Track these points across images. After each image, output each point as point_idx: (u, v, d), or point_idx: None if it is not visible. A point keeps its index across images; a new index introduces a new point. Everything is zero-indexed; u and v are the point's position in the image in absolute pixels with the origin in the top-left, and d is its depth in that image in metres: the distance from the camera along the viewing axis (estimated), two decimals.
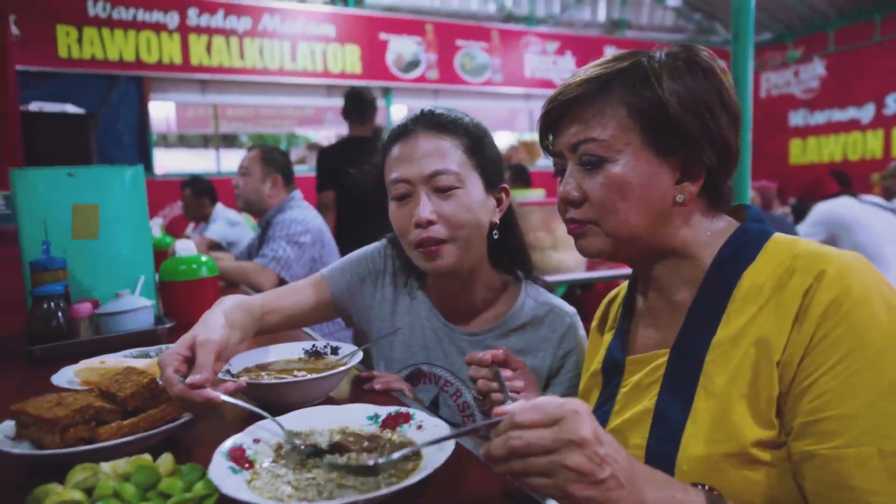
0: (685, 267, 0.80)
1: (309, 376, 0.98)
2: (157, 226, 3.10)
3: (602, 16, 9.08)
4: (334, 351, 1.14)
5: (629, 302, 0.92)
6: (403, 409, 0.86)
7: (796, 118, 8.94)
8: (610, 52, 8.35)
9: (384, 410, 0.87)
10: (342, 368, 1.00)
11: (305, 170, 7.55)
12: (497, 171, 1.16)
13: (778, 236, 0.77)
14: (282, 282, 2.52)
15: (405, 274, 1.25)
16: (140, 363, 1.13)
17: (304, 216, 2.69)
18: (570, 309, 1.20)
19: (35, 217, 1.53)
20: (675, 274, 0.81)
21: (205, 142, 9.27)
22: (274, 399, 0.98)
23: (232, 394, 0.85)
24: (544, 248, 3.42)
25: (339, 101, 3.66)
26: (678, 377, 0.76)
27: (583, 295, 4.32)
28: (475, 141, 1.12)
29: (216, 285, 1.83)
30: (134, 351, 1.25)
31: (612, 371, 0.87)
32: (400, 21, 7.06)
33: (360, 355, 1.08)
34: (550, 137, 0.84)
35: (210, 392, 0.82)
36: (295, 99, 6.75)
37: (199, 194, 4.44)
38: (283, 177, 2.79)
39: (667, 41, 8.39)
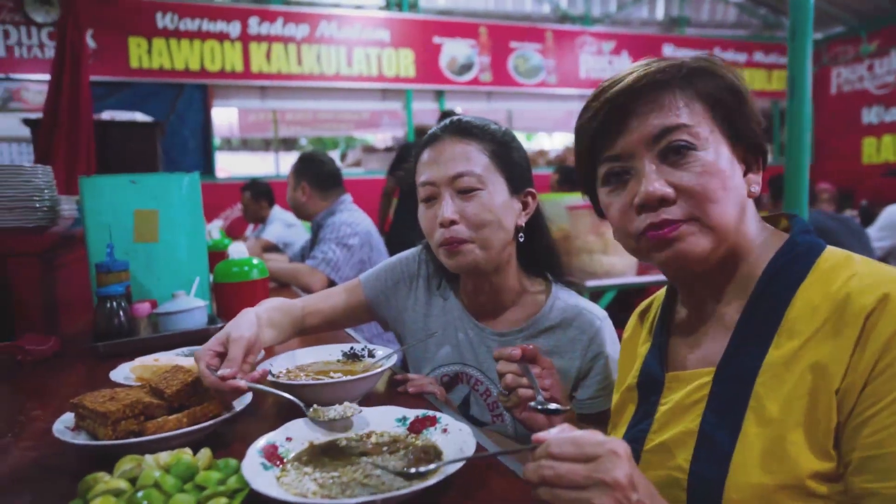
0: (734, 274, 0.78)
1: (343, 378, 1.02)
2: (216, 228, 3.24)
3: (660, 13, 8.85)
4: (371, 354, 1.18)
5: (666, 313, 0.89)
6: (431, 413, 0.88)
7: (870, 115, 8.45)
8: (668, 50, 8.15)
9: (412, 413, 0.89)
10: (375, 372, 1.03)
11: (361, 172, 7.74)
12: (523, 175, 1.19)
13: (830, 251, 0.74)
14: (331, 283, 2.60)
15: (438, 277, 1.30)
16: (189, 361, 1.20)
17: (353, 219, 2.76)
18: (601, 312, 1.20)
19: (101, 222, 1.64)
20: (721, 282, 0.78)
21: (265, 145, 9.59)
22: (310, 399, 1.02)
23: (259, 381, 0.94)
24: (594, 252, 3.38)
25: (393, 105, 3.76)
26: (725, 399, 0.72)
27: (635, 301, 4.23)
28: (501, 146, 1.15)
29: (266, 287, 1.90)
30: (185, 349, 1.33)
31: (650, 387, 0.84)
32: (453, 24, 7.10)
33: (394, 358, 1.12)
34: (606, 139, 0.77)
35: (237, 381, 0.90)
36: (351, 103, 6.89)
37: (256, 197, 4.61)
38: (312, 183, 2.85)
39: (729, 38, 8.03)
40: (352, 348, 1.20)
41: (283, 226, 4.50)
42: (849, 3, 8.28)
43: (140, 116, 3.65)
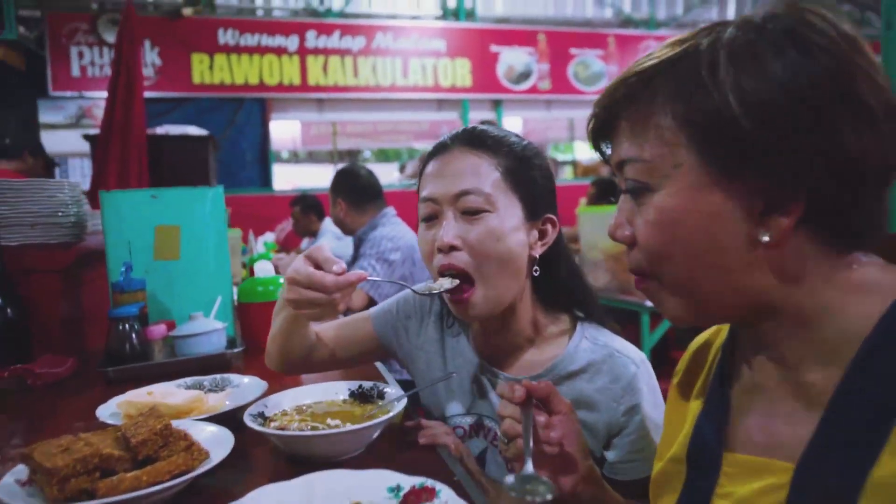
0: (811, 336, 0.56)
1: (341, 428, 0.87)
2: (261, 242, 3.20)
3: (731, 14, 8.39)
4: (381, 394, 1.03)
5: (728, 359, 0.67)
6: (430, 483, 0.72)
7: None
8: None
9: (408, 482, 0.73)
10: (376, 421, 0.88)
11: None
12: (544, 198, 1.00)
13: None
14: (371, 301, 2.48)
15: (450, 313, 1.10)
16: (189, 395, 1.08)
17: (396, 233, 2.65)
18: (638, 355, 0.99)
19: (120, 238, 1.57)
20: (795, 342, 0.57)
21: (330, 157, 9.71)
22: (303, 451, 0.88)
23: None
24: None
25: (450, 115, 3.65)
26: None
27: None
28: (518, 161, 0.98)
29: None
30: (189, 380, 1.22)
31: (702, 463, 0.64)
32: (511, 32, 6.95)
33: (403, 402, 0.96)
34: (607, 149, 0.65)
35: (356, 273, 0.90)
36: (406, 114, 6.85)
37: (305, 211, 4.59)
38: (348, 199, 2.77)
39: None
40: (360, 386, 1.05)
41: (334, 238, 4.46)
42: None
43: (193, 130, 3.69)
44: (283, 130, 7.37)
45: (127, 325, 1.42)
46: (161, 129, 3.61)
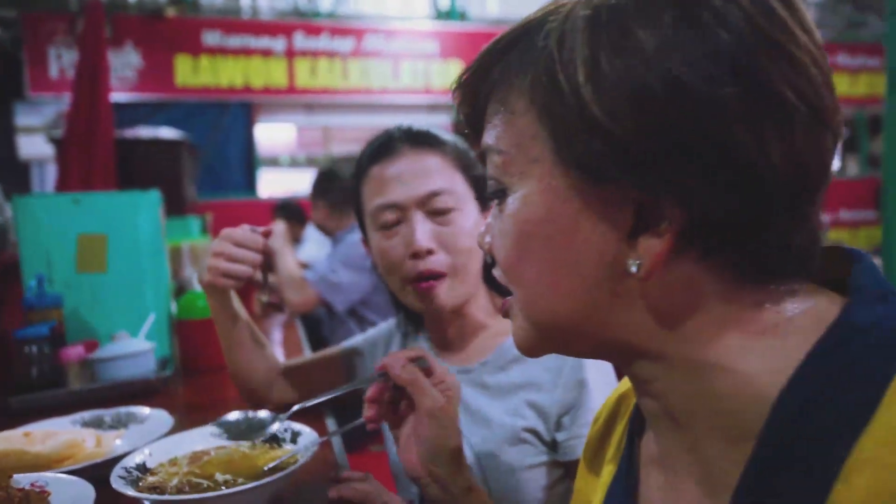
0: (702, 394, 0.41)
1: (227, 490, 0.71)
2: None
3: None
4: (294, 438, 0.86)
5: (637, 423, 0.54)
6: None
7: None
8: None
9: None
10: (273, 478, 0.71)
11: None
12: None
13: None
14: (325, 305, 2.35)
15: (406, 315, 1.12)
16: (79, 434, 0.92)
17: None
18: None
19: (38, 248, 1.41)
20: (682, 400, 0.43)
21: (322, 162, 9.55)
22: None
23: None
24: None
25: (441, 119, 3.53)
26: None
27: None
28: (463, 155, 1.00)
29: None
30: (87, 414, 1.05)
31: None
32: None
33: (313, 450, 0.80)
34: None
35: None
36: (398, 118, 6.66)
37: (289, 219, 4.44)
38: (328, 201, 2.69)
39: None
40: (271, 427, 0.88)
41: (317, 245, 4.34)
42: None
43: (166, 133, 3.53)
44: (273, 134, 7.22)
45: (35, 348, 1.26)
46: (131, 133, 3.46)
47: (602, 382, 0.91)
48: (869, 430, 0.34)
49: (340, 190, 2.66)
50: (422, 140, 0.99)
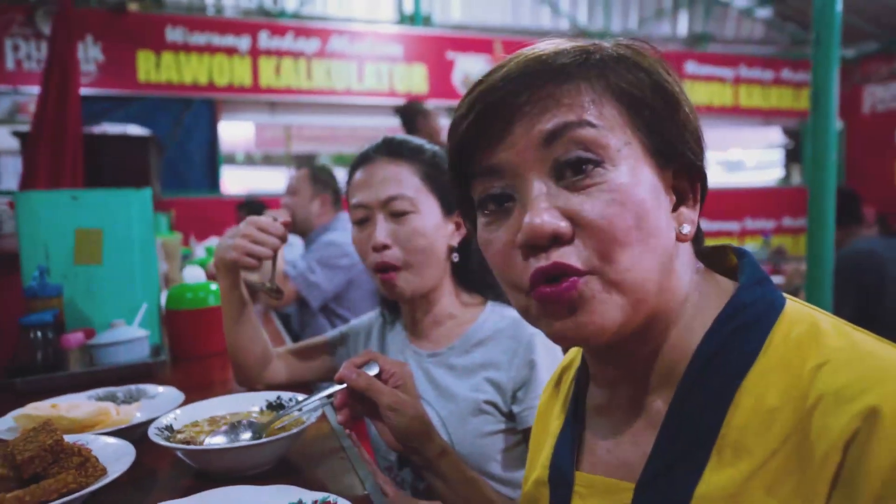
0: (657, 348, 0.55)
1: (241, 443, 0.84)
2: (202, 247, 3.11)
3: (683, 30, 8.63)
4: (298, 406, 1.00)
5: (583, 384, 0.65)
6: (332, 499, 0.70)
7: None
8: (691, 67, 7.90)
9: (310, 497, 0.71)
10: (283, 435, 0.85)
11: None
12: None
13: (791, 311, 0.52)
14: (300, 298, 2.46)
15: (385, 307, 1.28)
16: (98, 406, 1.03)
17: (347, 238, 2.62)
18: None
19: (37, 241, 1.49)
20: (639, 359, 0.56)
21: (282, 161, 9.54)
22: (206, 465, 0.85)
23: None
24: None
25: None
26: None
27: None
28: (433, 167, 1.14)
29: None
30: (101, 391, 1.16)
31: (560, 487, 0.62)
32: (468, 39, 6.97)
33: (318, 413, 0.93)
34: (481, 148, 0.55)
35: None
36: (362, 119, 6.78)
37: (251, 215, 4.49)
38: (332, 196, 2.78)
39: (755, 55, 7.75)
40: (278, 397, 1.02)
41: (287, 244, 4.39)
42: (881, 18, 7.98)
43: (134, 130, 3.56)
44: (235, 132, 7.20)
45: (39, 333, 1.35)
46: (98, 129, 3.48)
47: (549, 361, 1.06)
48: (751, 371, 0.50)
49: (336, 188, 2.79)
50: (394, 150, 1.14)
